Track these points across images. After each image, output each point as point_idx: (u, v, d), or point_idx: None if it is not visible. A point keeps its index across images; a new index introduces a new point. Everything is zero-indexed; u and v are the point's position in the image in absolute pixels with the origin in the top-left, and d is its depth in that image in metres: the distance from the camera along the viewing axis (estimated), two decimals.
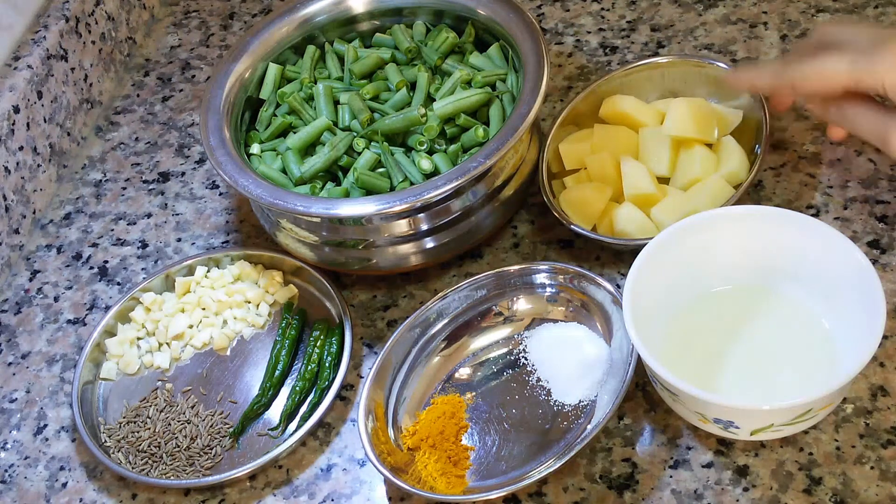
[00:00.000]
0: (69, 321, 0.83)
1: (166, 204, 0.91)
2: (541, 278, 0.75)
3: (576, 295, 0.74)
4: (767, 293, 0.70)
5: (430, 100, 0.81)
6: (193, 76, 1.02)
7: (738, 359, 0.68)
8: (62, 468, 0.74)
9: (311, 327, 0.77)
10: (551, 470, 0.64)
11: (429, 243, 0.77)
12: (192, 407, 0.75)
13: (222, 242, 0.86)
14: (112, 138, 0.98)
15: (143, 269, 0.86)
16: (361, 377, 0.75)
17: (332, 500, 0.69)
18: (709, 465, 0.66)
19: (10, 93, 0.88)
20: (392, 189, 0.77)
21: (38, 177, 0.91)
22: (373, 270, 0.78)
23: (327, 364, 0.74)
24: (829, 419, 0.66)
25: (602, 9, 0.97)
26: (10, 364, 0.81)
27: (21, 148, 0.88)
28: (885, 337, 0.65)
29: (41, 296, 0.86)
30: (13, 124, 0.87)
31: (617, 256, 0.78)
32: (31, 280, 0.87)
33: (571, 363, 0.71)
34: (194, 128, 0.97)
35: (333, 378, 0.73)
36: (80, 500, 0.72)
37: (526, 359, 0.73)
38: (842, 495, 0.63)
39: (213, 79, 0.83)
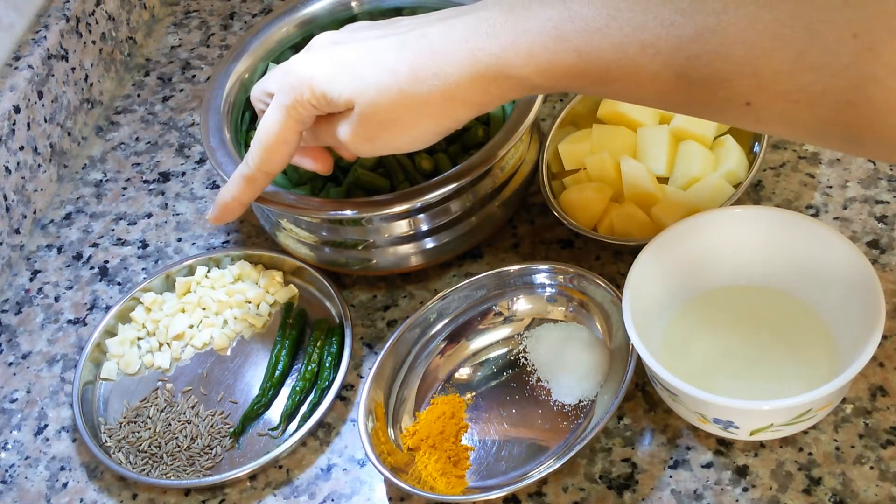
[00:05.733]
0: (69, 321, 0.84)
1: (167, 204, 0.91)
2: (541, 278, 0.75)
3: (576, 295, 0.74)
4: (767, 293, 0.70)
5: None
6: (194, 76, 1.02)
7: (738, 359, 0.68)
8: (63, 468, 0.74)
9: (311, 327, 0.77)
10: (551, 470, 0.64)
11: (429, 243, 0.77)
12: (193, 407, 0.75)
13: (222, 242, 0.87)
14: (112, 138, 0.98)
15: (143, 269, 0.86)
16: (361, 377, 0.75)
17: (333, 500, 0.69)
18: (708, 466, 0.66)
19: (11, 93, 0.88)
20: (392, 189, 0.77)
21: (38, 177, 0.91)
22: (373, 270, 0.78)
23: (327, 364, 0.75)
24: (828, 419, 0.66)
25: None
26: (10, 364, 0.81)
27: (21, 148, 0.88)
28: (884, 337, 0.65)
29: (42, 296, 0.86)
30: (14, 124, 0.87)
31: (617, 256, 0.78)
32: (31, 280, 0.87)
33: (571, 363, 0.71)
34: (195, 128, 0.97)
35: (333, 378, 0.73)
36: (81, 501, 0.72)
37: (526, 359, 0.73)
38: (841, 495, 0.63)
39: (214, 79, 0.83)
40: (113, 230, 0.90)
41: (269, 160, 0.66)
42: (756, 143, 0.77)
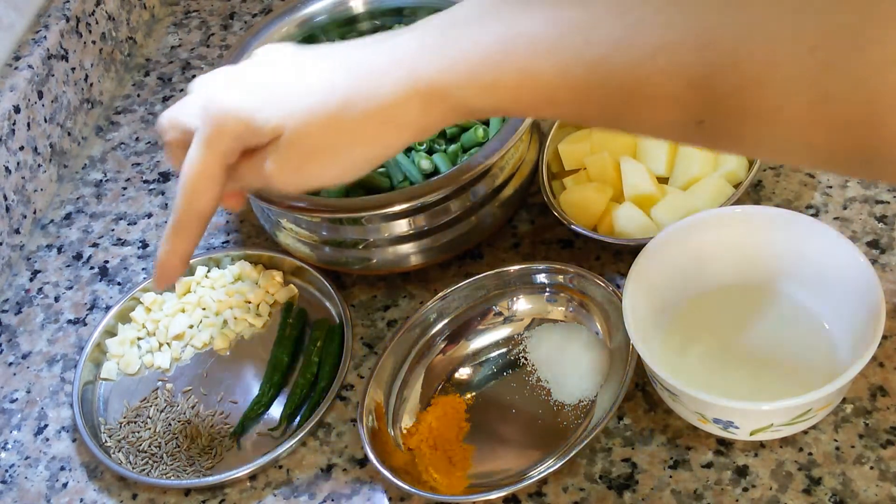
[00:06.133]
0: (70, 321, 0.84)
1: (167, 204, 0.91)
2: (541, 278, 0.75)
3: (576, 295, 0.74)
4: (767, 293, 0.71)
5: None
6: (194, 76, 1.02)
7: (738, 359, 0.68)
8: (63, 468, 0.74)
9: (311, 327, 0.77)
10: (551, 470, 0.64)
11: (429, 243, 0.77)
12: (193, 407, 0.75)
13: (222, 242, 0.87)
14: (112, 138, 0.98)
15: (143, 269, 0.86)
16: (361, 377, 0.75)
17: (332, 500, 0.69)
18: (708, 466, 0.66)
19: (11, 93, 0.88)
20: (392, 189, 0.77)
21: (38, 177, 0.91)
22: (373, 270, 0.78)
23: (327, 364, 0.75)
24: (828, 419, 0.66)
25: None
26: (10, 364, 0.81)
27: (21, 148, 0.88)
28: (884, 337, 0.65)
29: (42, 296, 0.86)
30: (14, 124, 0.87)
31: (617, 256, 0.78)
32: (31, 280, 0.87)
33: (571, 363, 0.71)
34: None
35: (333, 378, 0.73)
36: (81, 501, 0.72)
37: (526, 359, 0.73)
38: (841, 495, 0.63)
39: None
40: (113, 230, 0.90)
41: (197, 200, 0.60)
42: None
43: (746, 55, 0.46)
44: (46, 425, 0.77)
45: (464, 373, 0.74)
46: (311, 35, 0.87)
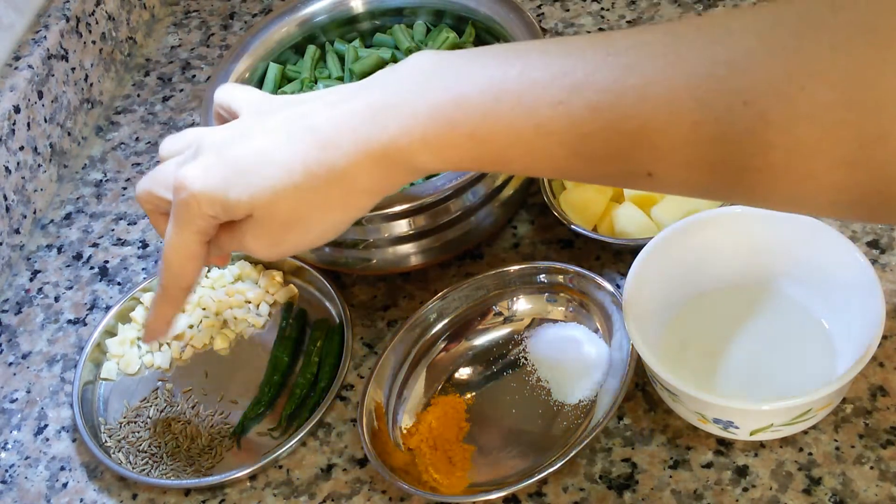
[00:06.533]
0: (69, 321, 0.84)
1: None
2: (541, 278, 0.75)
3: (576, 295, 0.74)
4: (767, 293, 0.70)
5: None
6: (194, 76, 1.03)
7: (738, 359, 0.68)
8: (63, 468, 0.74)
9: (311, 327, 0.77)
10: (551, 470, 0.64)
11: (429, 243, 0.77)
12: (193, 407, 0.75)
13: None
14: (112, 138, 0.98)
15: (143, 269, 0.86)
16: (361, 377, 0.75)
17: (332, 500, 0.69)
18: (708, 466, 0.66)
19: (11, 93, 0.88)
20: None
21: (38, 177, 0.91)
22: (373, 270, 0.78)
23: (327, 364, 0.75)
24: (828, 419, 0.66)
25: (602, 9, 0.98)
26: (10, 364, 0.81)
27: (21, 148, 0.88)
28: (884, 337, 0.65)
29: (42, 296, 0.86)
30: (14, 124, 0.87)
31: (617, 256, 0.78)
32: (31, 280, 0.87)
33: (571, 363, 0.71)
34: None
35: (333, 378, 0.73)
36: (81, 501, 0.72)
37: (526, 359, 0.73)
38: (841, 495, 0.63)
39: (214, 79, 0.83)
40: (113, 230, 0.90)
41: (181, 277, 0.62)
42: None
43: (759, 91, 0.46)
44: (46, 425, 0.77)
45: (464, 373, 0.74)
46: (311, 35, 0.87)
